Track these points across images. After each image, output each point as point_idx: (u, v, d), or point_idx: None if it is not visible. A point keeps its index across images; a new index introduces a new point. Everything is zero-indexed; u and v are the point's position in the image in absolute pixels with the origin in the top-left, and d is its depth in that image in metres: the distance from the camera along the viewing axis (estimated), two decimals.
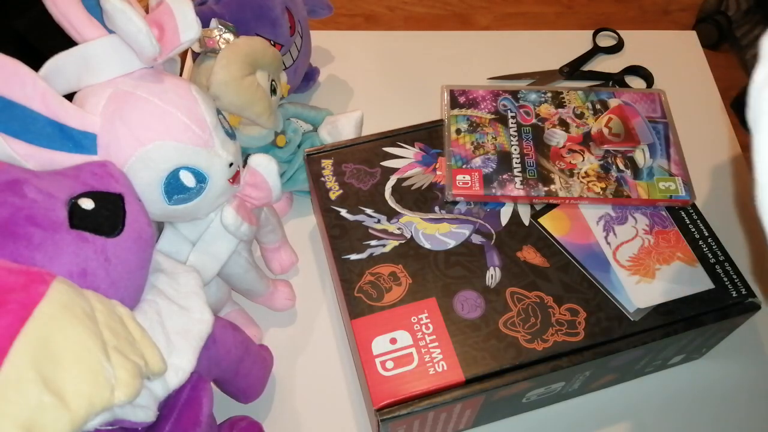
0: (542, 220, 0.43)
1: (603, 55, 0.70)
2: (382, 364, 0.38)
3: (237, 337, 0.41)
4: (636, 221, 0.43)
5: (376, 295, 0.41)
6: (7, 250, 0.28)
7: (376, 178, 0.46)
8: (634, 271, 0.41)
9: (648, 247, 0.42)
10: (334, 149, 0.48)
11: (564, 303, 0.40)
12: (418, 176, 0.46)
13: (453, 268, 0.41)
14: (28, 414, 0.22)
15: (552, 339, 0.38)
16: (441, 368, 0.37)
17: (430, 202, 0.44)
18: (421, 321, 0.39)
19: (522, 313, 0.39)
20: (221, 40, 0.46)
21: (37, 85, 0.32)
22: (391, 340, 0.39)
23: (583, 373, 0.40)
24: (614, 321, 0.39)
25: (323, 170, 0.47)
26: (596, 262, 0.41)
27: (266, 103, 0.48)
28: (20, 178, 0.30)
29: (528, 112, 0.49)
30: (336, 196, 0.45)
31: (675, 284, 0.40)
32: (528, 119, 0.49)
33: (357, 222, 0.44)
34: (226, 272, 0.44)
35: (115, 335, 0.26)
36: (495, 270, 0.41)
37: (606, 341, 0.38)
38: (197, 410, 0.34)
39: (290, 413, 0.47)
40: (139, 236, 0.32)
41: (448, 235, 0.43)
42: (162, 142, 0.34)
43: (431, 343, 0.38)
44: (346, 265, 0.42)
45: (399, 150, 0.47)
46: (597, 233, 0.43)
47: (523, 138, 0.48)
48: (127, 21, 0.33)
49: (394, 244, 0.43)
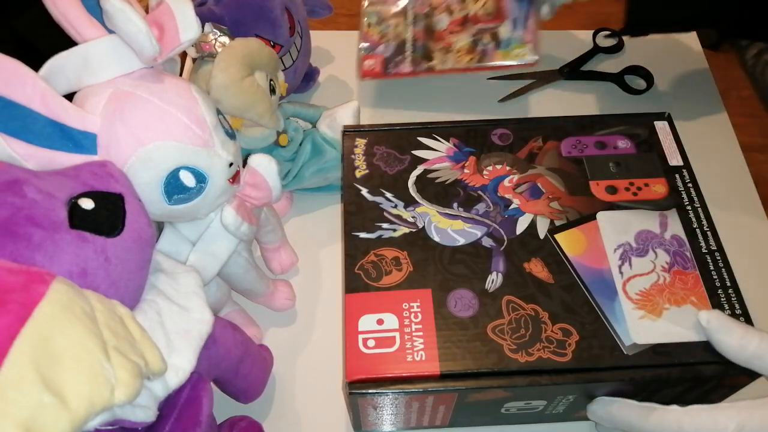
0: (559, 236, 0.42)
1: (603, 55, 0.70)
2: (364, 342, 0.38)
3: (237, 337, 0.41)
4: (656, 256, 0.41)
5: (375, 275, 0.41)
6: (7, 250, 0.27)
7: (403, 164, 0.46)
8: (641, 305, 0.39)
9: (662, 284, 0.40)
10: (371, 130, 0.48)
11: (559, 322, 0.39)
12: (445, 171, 0.46)
13: (456, 265, 0.41)
14: (28, 414, 0.22)
15: (537, 354, 0.38)
16: (419, 357, 0.37)
17: (450, 197, 0.44)
18: (412, 309, 0.39)
19: (513, 322, 0.39)
20: (217, 44, 0.46)
21: (37, 85, 0.32)
22: (379, 320, 0.39)
23: (566, 397, 0.39)
24: (606, 350, 0.38)
25: (355, 148, 0.47)
26: (603, 289, 0.40)
27: (267, 103, 0.48)
28: (20, 178, 0.30)
29: (423, 3, 0.61)
30: (361, 174, 0.46)
31: (680, 328, 0.38)
32: (423, 9, 0.60)
33: (374, 203, 0.44)
34: (226, 272, 0.44)
35: (115, 335, 0.26)
36: (497, 275, 0.41)
37: (592, 368, 0.37)
38: (197, 410, 0.34)
39: (290, 413, 0.47)
40: (139, 236, 0.32)
41: (460, 233, 0.43)
42: (162, 142, 0.34)
43: (416, 331, 0.38)
44: (354, 242, 0.42)
45: (433, 142, 0.47)
46: (612, 260, 0.41)
47: (417, 25, 0.60)
48: (127, 21, 0.33)
49: (404, 231, 0.43)
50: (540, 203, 0.44)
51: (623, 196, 0.44)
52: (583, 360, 0.37)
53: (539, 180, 0.45)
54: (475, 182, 0.45)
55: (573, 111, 0.64)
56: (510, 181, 0.45)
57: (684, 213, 0.43)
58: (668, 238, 0.42)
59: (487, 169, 0.46)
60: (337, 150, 0.54)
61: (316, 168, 0.53)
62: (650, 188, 0.44)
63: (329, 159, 0.54)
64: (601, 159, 0.46)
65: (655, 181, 0.44)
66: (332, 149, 0.53)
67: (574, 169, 0.45)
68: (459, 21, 0.59)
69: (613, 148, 0.46)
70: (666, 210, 0.43)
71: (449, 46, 0.58)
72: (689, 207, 0.43)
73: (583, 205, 0.43)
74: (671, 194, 0.44)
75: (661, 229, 0.42)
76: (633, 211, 0.43)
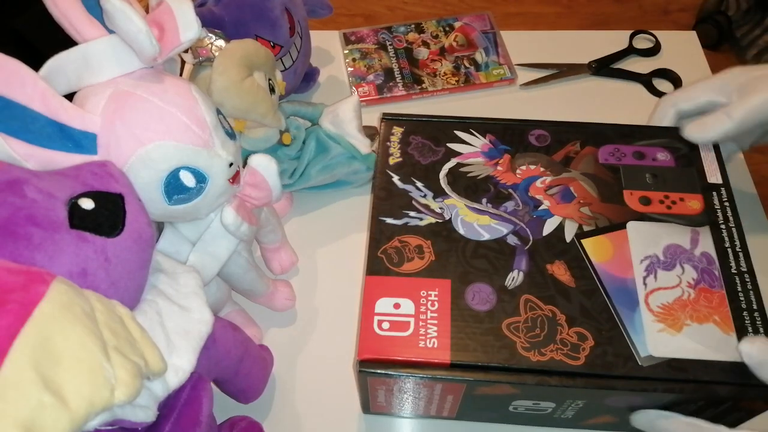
0: (586, 241, 0.42)
1: (636, 56, 0.70)
2: (379, 323, 0.39)
3: (237, 337, 0.41)
4: (683, 271, 0.41)
5: (397, 260, 0.41)
6: (7, 250, 0.28)
7: (437, 156, 0.47)
8: (662, 319, 0.39)
9: (685, 300, 0.40)
10: (410, 119, 0.49)
11: (575, 325, 0.39)
12: (477, 166, 0.46)
13: (478, 259, 0.41)
14: (28, 414, 0.22)
15: (550, 355, 0.38)
16: (432, 344, 0.38)
17: (480, 193, 0.45)
18: (430, 297, 0.40)
19: (529, 321, 0.39)
20: (213, 48, 0.46)
21: (37, 85, 0.32)
22: (395, 305, 0.39)
23: (576, 402, 0.39)
24: (620, 359, 0.37)
25: (392, 135, 0.48)
26: (625, 298, 0.40)
27: (269, 102, 0.48)
28: (20, 178, 0.30)
29: (400, 40, 0.70)
30: (394, 162, 0.46)
31: (699, 345, 0.38)
32: (401, 44, 0.69)
33: (404, 191, 0.45)
34: (226, 272, 0.44)
35: (115, 335, 0.26)
36: (518, 273, 0.41)
37: (603, 375, 0.37)
38: (197, 410, 0.34)
39: (290, 413, 0.47)
40: (139, 236, 0.32)
41: (486, 228, 0.43)
42: (162, 142, 0.34)
43: (431, 319, 0.39)
44: (380, 226, 0.43)
45: (469, 137, 0.48)
46: (637, 271, 0.41)
47: (399, 57, 0.68)
48: (127, 21, 0.33)
49: (430, 221, 0.43)
50: (570, 207, 0.44)
51: (656, 208, 0.44)
52: (596, 366, 0.37)
53: (572, 184, 0.45)
54: (507, 180, 0.45)
55: (595, 106, 0.65)
56: (542, 183, 0.45)
57: (717, 231, 0.42)
58: (698, 255, 0.42)
59: (520, 168, 0.46)
60: (341, 146, 0.54)
61: (321, 165, 0.53)
62: (685, 203, 0.44)
63: (334, 155, 0.54)
64: (638, 169, 0.45)
65: (691, 196, 0.44)
66: (336, 145, 0.54)
67: (609, 176, 0.45)
68: (437, 52, 0.69)
69: (652, 159, 0.46)
70: (699, 226, 0.43)
71: (434, 72, 0.66)
72: (723, 226, 0.43)
73: (614, 213, 0.43)
74: (706, 211, 0.43)
75: (691, 245, 0.42)
76: (664, 224, 0.43)
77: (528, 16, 1.29)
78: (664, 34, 0.71)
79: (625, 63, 0.69)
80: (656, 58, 0.69)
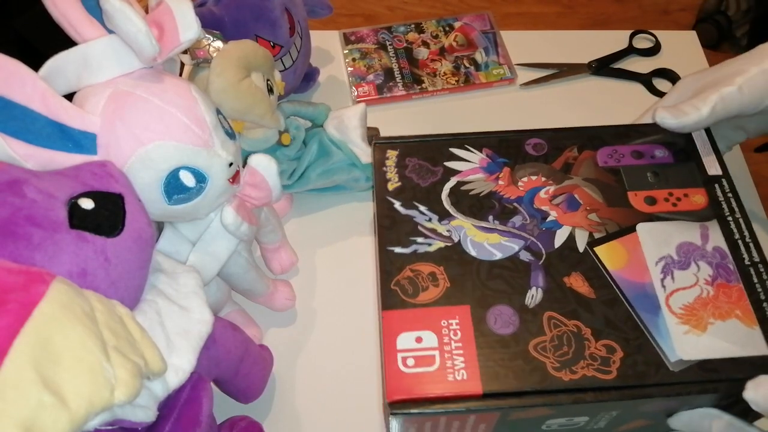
0: (599, 249, 0.41)
1: (636, 56, 0.70)
2: (404, 360, 0.37)
3: (237, 337, 0.41)
4: (699, 269, 0.40)
5: (411, 291, 0.40)
6: (7, 250, 0.28)
7: (436, 176, 0.45)
8: (685, 320, 0.38)
9: (705, 298, 0.39)
10: (402, 141, 0.47)
11: (602, 338, 0.38)
12: (479, 182, 0.44)
13: (494, 280, 0.40)
14: (28, 414, 0.22)
15: (581, 372, 0.37)
16: (461, 376, 0.37)
17: (485, 210, 0.43)
18: (451, 326, 0.38)
19: (555, 339, 0.38)
20: (211, 49, 0.46)
21: (37, 85, 0.32)
22: (417, 338, 0.38)
23: (610, 413, 0.38)
24: (651, 367, 0.37)
25: (387, 160, 0.46)
26: (646, 304, 0.39)
27: (267, 103, 0.48)
28: (20, 178, 0.30)
29: (400, 40, 0.70)
30: (394, 187, 0.45)
31: (726, 343, 0.37)
32: (400, 44, 0.69)
33: (408, 216, 0.43)
34: (226, 272, 0.44)
35: (115, 335, 0.26)
36: (537, 290, 0.40)
37: (637, 385, 0.36)
38: (197, 410, 0.34)
39: (290, 413, 0.47)
40: (139, 236, 0.32)
41: (497, 246, 0.41)
42: (162, 142, 0.34)
43: (456, 349, 0.38)
44: (389, 257, 0.41)
45: (465, 153, 0.46)
46: (654, 274, 0.40)
47: (399, 57, 0.68)
48: (126, 21, 0.33)
49: (439, 245, 0.42)
50: (578, 215, 0.43)
51: (663, 207, 0.43)
52: (629, 377, 0.36)
53: (576, 191, 0.44)
54: (511, 194, 0.44)
55: (595, 106, 0.65)
56: (546, 193, 0.44)
57: (725, 224, 0.42)
58: (710, 250, 0.41)
59: (522, 180, 0.44)
60: (343, 152, 0.53)
61: (322, 169, 0.53)
62: (690, 199, 0.43)
63: (336, 161, 0.54)
64: (639, 169, 0.45)
65: (694, 191, 0.43)
66: (339, 151, 0.53)
67: (611, 179, 0.44)
68: (436, 52, 0.69)
69: (650, 157, 0.45)
70: (706, 221, 0.42)
71: (434, 71, 0.67)
72: (730, 218, 0.42)
73: (622, 217, 0.42)
74: (711, 205, 0.43)
75: (702, 240, 0.41)
76: (673, 223, 0.42)
77: (528, 16, 1.29)
78: (664, 33, 0.71)
79: (625, 63, 0.69)
80: (656, 57, 0.69)
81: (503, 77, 0.66)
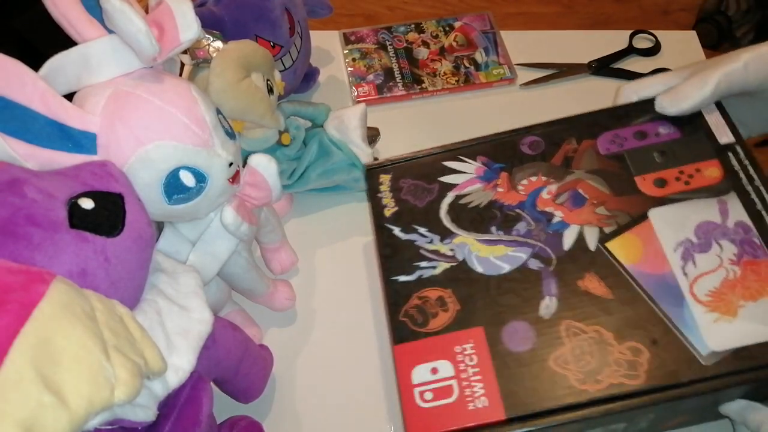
0: (610, 244, 0.38)
1: (636, 56, 0.69)
2: (421, 395, 0.36)
3: (237, 337, 0.41)
4: (722, 249, 0.37)
5: (421, 320, 0.38)
6: (7, 250, 0.28)
7: (433, 194, 0.43)
8: (714, 307, 0.35)
9: (733, 280, 0.36)
10: (394, 164, 0.46)
11: (625, 340, 0.35)
12: (477, 193, 0.42)
13: (505, 295, 0.38)
14: (28, 413, 0.22)
15: (607, 380, 0.34)
16: (481, 404, 0.35)
17: (487, 221, 0.41)
18: (465, 351, 0.37)
19: (576, 349, 0.35)
20: (211, 49, 0.46)
21: (37, 85, 0.32)
22: (432, 369, 0.37)
23: (647, 416, 0.36)
24: (682, 364, 0.34)
25: (380, 185, 0.44)
26: (669, 295, 0.36)
27: (266, 103, 0.48)
28: (20, 178, 0.30)
29: (400, 40, 0.70)
30: (391, 213, 0.43)
31: (761, 325, 0.34)
32: (400, 44, 0.69)
33: (409, 241, 0.41)
34: (226, 272, 0.44)
35: (115, 335, 0.26)
36: (551, 300, 0.37)
37: (669, 386, 0.34)
38: (197, 410, 0.34)
39: (290, 413, 0.47)
40: (139, 236, 0.32)
41: (504, 258, 0.39)
42: (162, 141, 0.34)
43: (473, 376, 0.36)
44: (394, 287, 0.40)
45: (460, 164, 0.44)
46: (673, 262, 0.37)
47: (399, 57, 0.68)
48: (126, 21, 0.33)
49: (444, 267, 0.40)
50: (585, 211, 0.40)
51: (674, 187, 0.39)
52: (659, 379, 0.34)
53: (580, 185, 0.41)
54: (511, 200, 0.42)
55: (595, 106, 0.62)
56: (549, 193, 0.41)
57: (744, 195, 0.38)
58: (732, 227, 0.37)
59: (521, 183, 0.42)
60: (343, 152, 0.53)
61: (322, 170, 0.53)
62: (702, 173, 0.39)
63: (336, 161, 0.54)
64: (644, 150, 0.41)
65: (706, 164, 0.40)
66: (338, 151, 0.53)
67: (615, 167, 0.41)
68: (436, 51, 0.69)
69: (655, 135, 0.41)
70: (724, 195, 0.38)
71: (434, 71, 0.67)
72: (749, 187, 0.38)
73: (633, 206, 0.39)
74: (727, 176, 0.39)
75: (722, 217, 0.38)
76: (688, 203, 0.39)
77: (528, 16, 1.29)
78: (664, 34, 0.71)
79: (625, 63, 0.69)
80: (656, 57, 0.69)
81: (503, 77, 0.66)
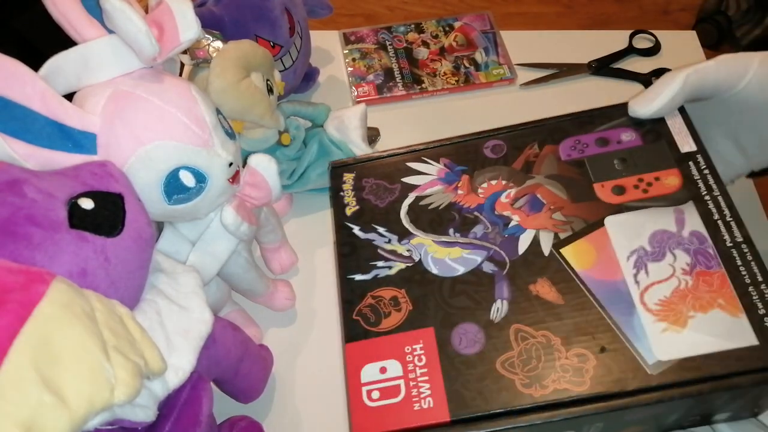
0: (565, 250, 0.39)
1: (636, 56, 0.70)
2: (368, 394, 0.36)
3: (237, 337, 0.41)
4: (675, 258, 0.37)
5: (374, 319, 0.38)
6: (7, 250, 0.28)
7: (394, 194, 0.43)
8: (663, 317, 0.35)
9: (684, 289, 0.36)
10: (358, 163, 0.46)
11: (573, 346, 0.35)
12: (437, 195, 0.43)
13: (457, 297, 0.38)
14: (28, 413, 0.22)
15: (552, 386, 0.34)
16: (427, 405, 0.35)
17: (445, 223, 0.41)
18: (415, 352, 0.37)
19: (524, 353, 0.36)
20: (211, 49, 0.46)
21: (36, 85, 0.32)
22: (381, 369, 0.37)
23: (594, 425, 0.36)
24: (628, 373, 0.34)
25: (344, 184, 0.45)
26: (619, 303, 0.36)
27: (266, 103, 0.48)
28: (20, 177, 0.30)
29: (400, 40, 0.70)
30: (351, 212, 0.43)
31: (709, 336, 0.34)
32: (400, 44, 0.70)
33: (368, 241, 0.41)
34: (226, 272, 0.44)
35: (115, 335, 0.26)
36: (502, 303, 0.38)
37: (614, 395, 0.34)
38: (197, 410, 0.34)
39: (290, 413, 0.47)
40: (139, 236, 0.32)
41: (459, 260, 0.40)
42: (161, 141, 0.34)
43: (421, 376, 0.36)
44: (350, 286, 0.40)
45: (422, 165, 0.44)
46: (626, 269, 0.37)
47: (399, 57, 0.68)
48: (126, 21, 0.33)
49: (400, 267, 0.40)
50: (541, 216, 0.40)
51: (632, 195, 0.40)
52: (604, 386, 0.34)
53: (538, 190, 0.41)
54: (470, 203, 0.42)
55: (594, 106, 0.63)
56: (507, 197, 0.41)
57: (702, 204, 0.38)
58: (687, 236, 0.37)
59: (481, 186, 0.42)
60: (343, 152, 0.53)
61: (322, 170, 0.53)
62: (662, 182, 0.40)
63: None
64: (605, 157, 0.41)
65: (666, 173, 0.40)
66: (338, 151, 0.53)
67: (575, 173, 0.41)
68: (436, 51, 0.69)
69: (617, 143, 0.42)
70: (682, 204, 0.39)
71: (434, 71, 0.67)
72: (707, 196, 0.38)
73: (589, 212, 0.40)
74: (686, 185, 0.39)
75: (677, 226, 0.38)
76: (645, 211, 0.39)
77: (528, 16, 1.29)
78: (664, 33, 0.71)
79: (625, 63, 0.69)
80: (656, 57, 0.69)
81: (503, 77, 0.66)
